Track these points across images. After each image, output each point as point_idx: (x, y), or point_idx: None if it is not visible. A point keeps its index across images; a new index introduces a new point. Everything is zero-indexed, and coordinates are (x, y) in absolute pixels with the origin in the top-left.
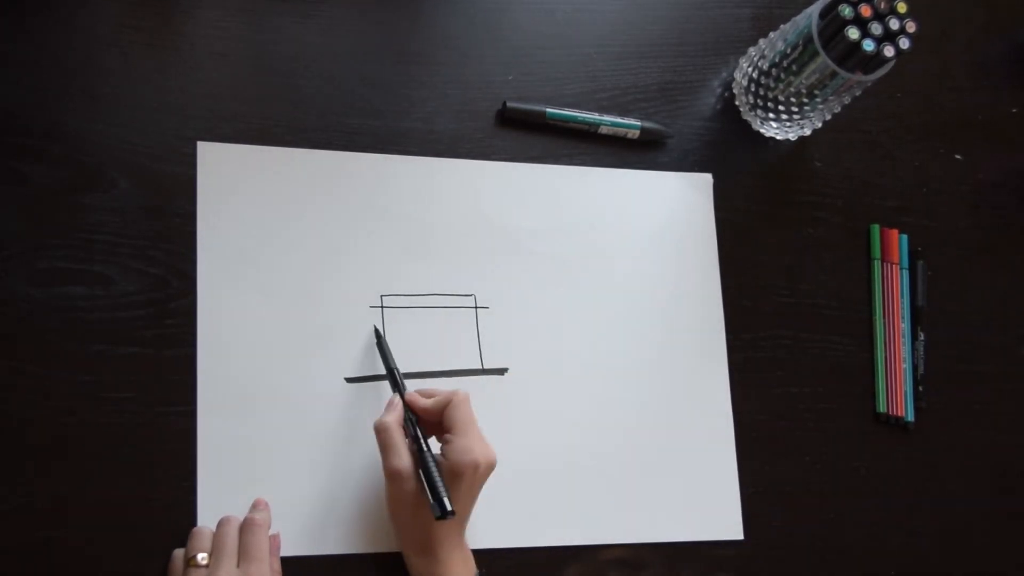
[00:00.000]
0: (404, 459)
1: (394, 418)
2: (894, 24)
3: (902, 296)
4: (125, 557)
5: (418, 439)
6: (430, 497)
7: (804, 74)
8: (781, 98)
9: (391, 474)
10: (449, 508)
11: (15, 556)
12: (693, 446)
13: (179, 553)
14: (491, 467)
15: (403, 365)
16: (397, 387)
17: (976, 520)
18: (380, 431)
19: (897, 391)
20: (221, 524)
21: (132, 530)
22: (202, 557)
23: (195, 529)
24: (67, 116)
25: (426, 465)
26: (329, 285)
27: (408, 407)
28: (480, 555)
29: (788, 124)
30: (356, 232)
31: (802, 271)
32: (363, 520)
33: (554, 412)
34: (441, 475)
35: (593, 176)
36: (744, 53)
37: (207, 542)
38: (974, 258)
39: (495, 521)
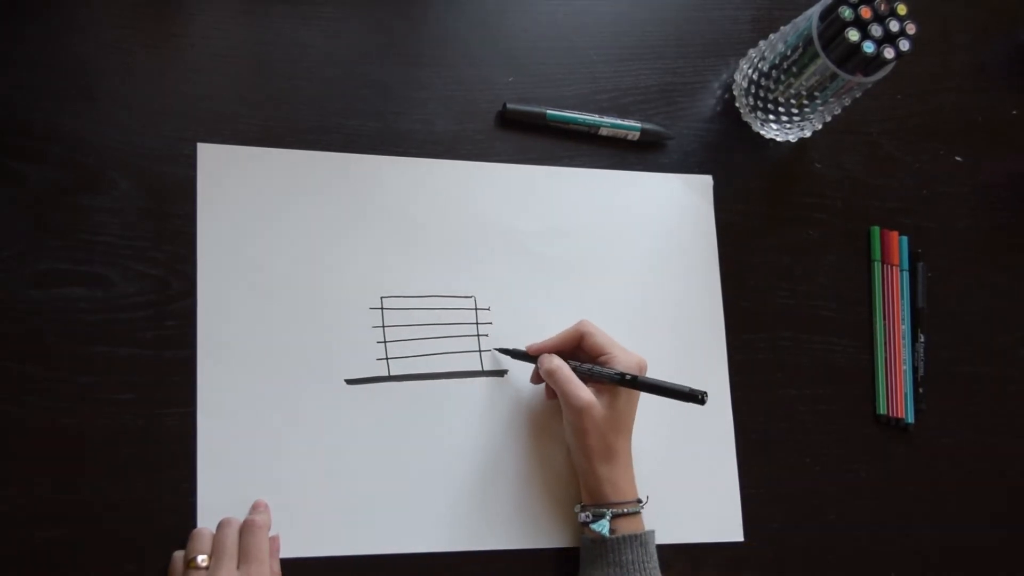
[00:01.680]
0: (588, 391)
1: (558, 360)
2: (894, 26)
3: (902, 298)
4: (124, 557)
5: (612, 376)
6: (677, 396)
7: (804, 76)
8: (781, 100)
9: (584, 406)
10: (699, 391)
11: (15, 556)
12: (693, 448)
13: (179, 555)
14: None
15: (402, 367)
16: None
17: (975, 522)
18: (554, 371)
19: (897, 393)
20: (221, 526)
21: (132, 531)
22: (202, 559)
23: (195, 531)
24: (67, 117)
25: (647, 380)
26: (329, 287)
27: (558, 355)
28: (479, 556)
29: (788, 126)
30: (356, 234)
31: (802, 273)
32: (363, 521)
33: (554, 414)
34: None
35: (593, 178)
36: (744, 55)
37: (207, 544)
38: (974, 260)
39: (495, 523)
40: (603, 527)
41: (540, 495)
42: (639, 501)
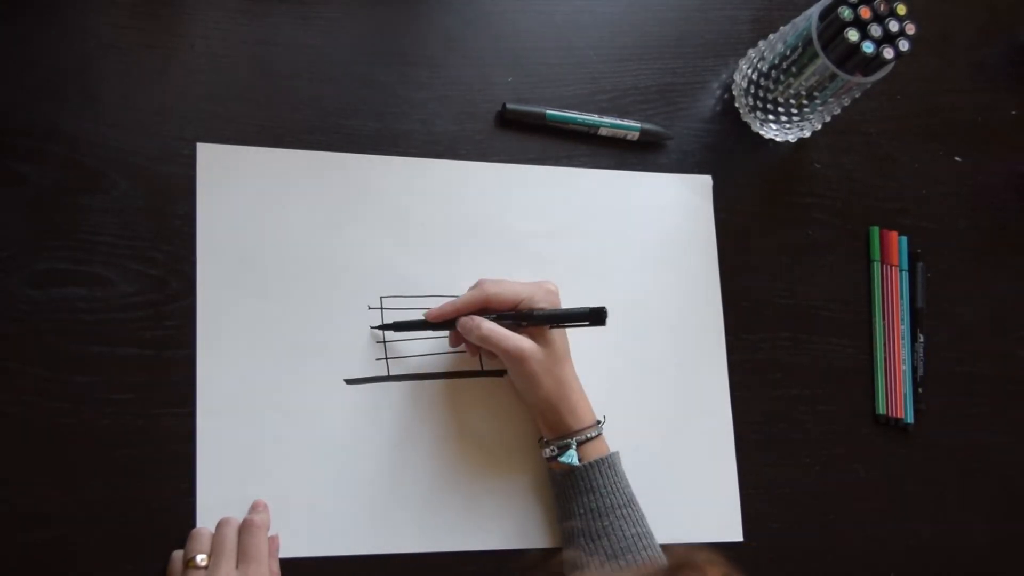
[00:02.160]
0: (523, 338)
1: (487, 323)
2: (894, 26)
3: (901, 298)
4: (124, 557)
5: (513, 316)
6: (575, 321)
7: (804, 76)
8: (781, 100)
9: (527, 354)
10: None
11: (14, 556)
12: (693, 447)
13: (178, 554)
14: None
15: (401, 366)
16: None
17: (974, 522)
18: (488, 335)
19: (896, 393)
20: (220, 525)
21: (131, 531)
22: (201, 558)
23: (194, 530)
24: (67, 117)
25: (547, 312)
26: (328, 286)
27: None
28: (478, 557)
29: (788, 126)
30: (355, 233)
31: (801, 273)
32: (362, 521)
33: None
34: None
35: (592, 178)
36: (744, 55)
37: (206, 543)
38: (973, 260)
39: (493, 523)
40: (572, 457)
41: (539, 495)
42: (599, 423)
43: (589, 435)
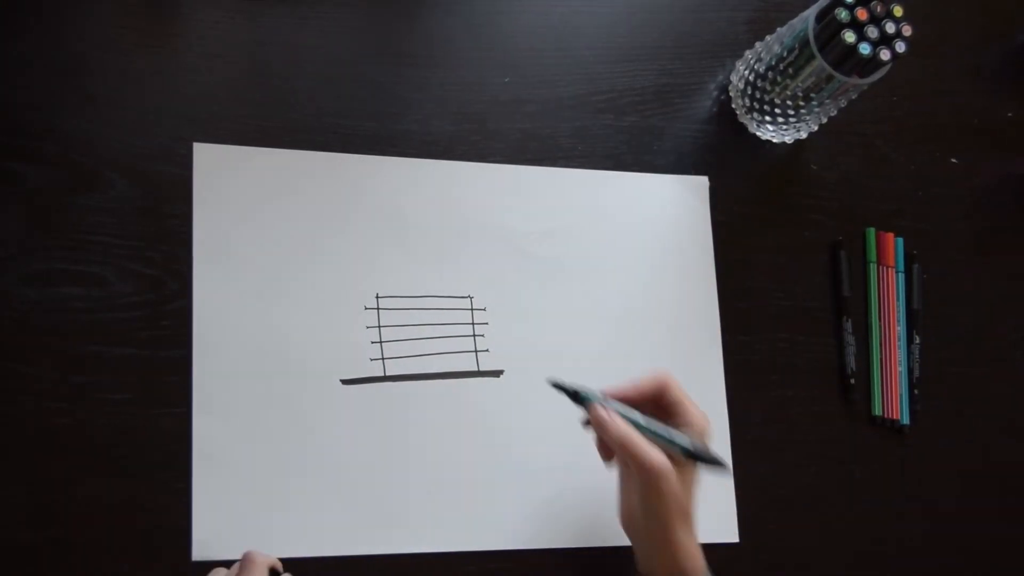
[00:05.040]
0: (661, 453)
1: (624, 426)
2: (890, 28)
3: (897, 299)
4: (122, 557)
5: (677, 444)
6: (710, 464)
7: (800, 77)
8: (777, 101)
9: (664, 471)
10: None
11: (8, 556)
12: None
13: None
14: None
15: (397, 367)
16: (588, 400)
17: (971, 523)
18: (626, 442)
19: (892, 394)
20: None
21: (128, 531)
22: None
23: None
24: (63, 117)
25: (711, 456)
26: (325, 286)
27: (622, 404)
28: (475, 557)
29: (784, 127)
30: (352, 234)
31: (798, 274)
32: (359, 522)
33: (550, 415)
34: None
35: (589, 178)
36: (740, 56)
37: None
38: (970, 262)
39: (491, 523)
40: None
41: (536, 495)
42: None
43: None
